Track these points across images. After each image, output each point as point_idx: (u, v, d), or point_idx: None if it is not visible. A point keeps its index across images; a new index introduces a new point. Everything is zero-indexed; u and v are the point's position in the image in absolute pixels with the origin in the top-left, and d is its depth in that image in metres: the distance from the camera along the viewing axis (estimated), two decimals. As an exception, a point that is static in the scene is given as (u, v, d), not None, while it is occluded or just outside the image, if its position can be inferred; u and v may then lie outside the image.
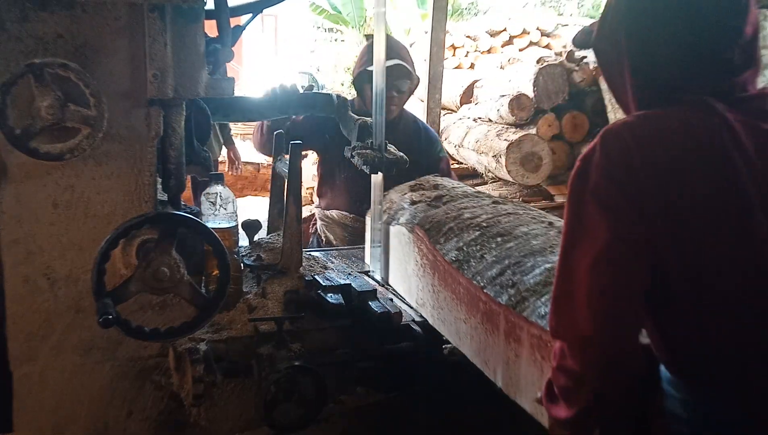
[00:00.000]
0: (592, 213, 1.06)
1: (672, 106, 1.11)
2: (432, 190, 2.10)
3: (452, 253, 1.65)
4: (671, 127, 1.08)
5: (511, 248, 1.57)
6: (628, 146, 1.07)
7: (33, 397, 1.57)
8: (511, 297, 1.40)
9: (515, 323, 1.36)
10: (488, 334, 1.47)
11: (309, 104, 2.14)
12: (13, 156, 1.43)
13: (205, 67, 1.50)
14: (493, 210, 1.82)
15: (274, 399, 1.56)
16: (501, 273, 1.49)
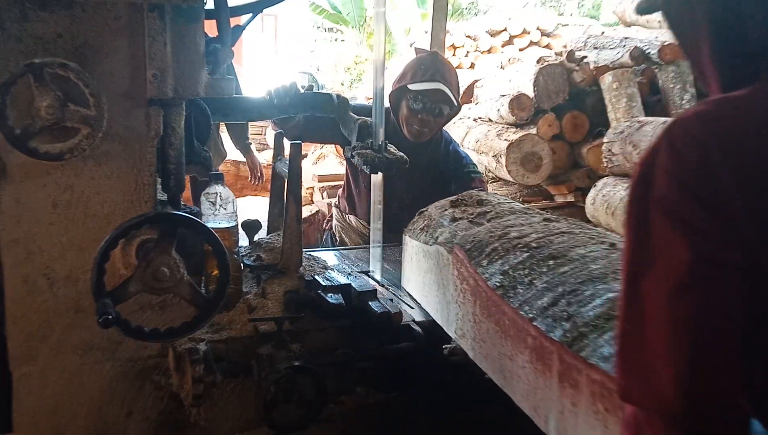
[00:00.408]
0: (662, 231, 0.82)
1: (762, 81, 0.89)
2: (475, 206, 1.90)
3: (496, 278, 1.45)
4: (761, 114, 0.85)
5: (566, 273, 1.36)
6: (703, 142, 0.83)
7: (33, 398, 1.57)
8: (566, 332, 1.18)
9: (571, 364, 1.13)
10: (539, 375, 1.24)
11: (309, 104, 2.14)
12: (13, 156, 1.42)
13: (205, 67, 1.50)
14: (544, 228, 1.61)
15: (274, 399, 1.56)
16: (554, 303, 1.28)
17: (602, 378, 1.05)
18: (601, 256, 1.40)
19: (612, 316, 1.15)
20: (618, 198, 3.17)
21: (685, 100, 4.64)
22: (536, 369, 1.26)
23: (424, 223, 1.93)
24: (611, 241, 1.49)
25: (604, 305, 1.20)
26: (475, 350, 1.53)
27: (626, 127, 3.57)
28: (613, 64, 5.09)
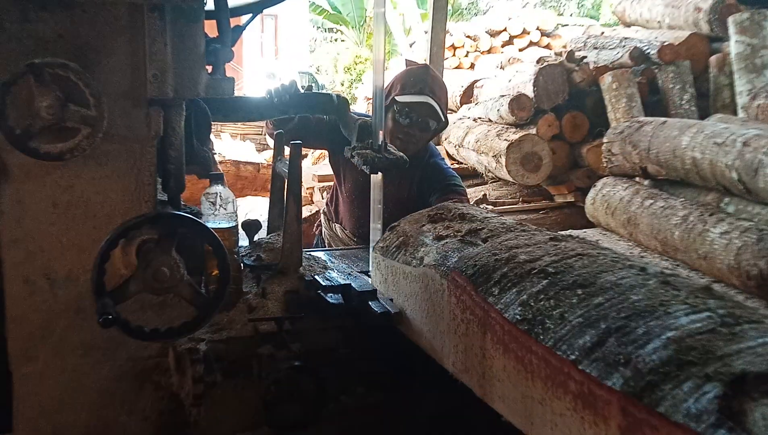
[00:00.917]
0: None
1: None
2: (458, 220, 1.72)
3: (515, 310, 1.27)
4: None
5: (603, 306, 1.18)
6: None
7: (33, 398, 1.57)
8: (628, 380, 1.01)
9: (642, 420, 0.96)
10: (588, 426, 1.07)
11: (309, 104, 2.14)
12: (13, 156, 1.42)
13: (205, 67, 1.50)
14: (556, 249, 1.43)
15: (274, 399, 1.56)
16: (600, 342, 1.10)
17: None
18: (636, 283, 1.23)
19: (684, 361, 0.99)
20: (618, 198, 3.17)
21: (684, 100, 4.64)
22: (584, 419, 1.08)
23: (399, 239, 1.74)
24: (640, 266, 1.33)
25: (668, 347, 1.02)
26: (484, 388, 1.37)
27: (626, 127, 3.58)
28: (612, 64, 5.09)
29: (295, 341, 1.64)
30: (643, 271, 1.29)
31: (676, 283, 1.21)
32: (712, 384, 0.92)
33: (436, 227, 1.69)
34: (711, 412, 0.89)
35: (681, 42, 4.73)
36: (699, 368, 0.96)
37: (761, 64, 4.19)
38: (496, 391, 1.33)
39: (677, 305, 1.13)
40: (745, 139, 2.50)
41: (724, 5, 4.52)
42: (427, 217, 1.77)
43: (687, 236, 2.54)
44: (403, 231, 1.76)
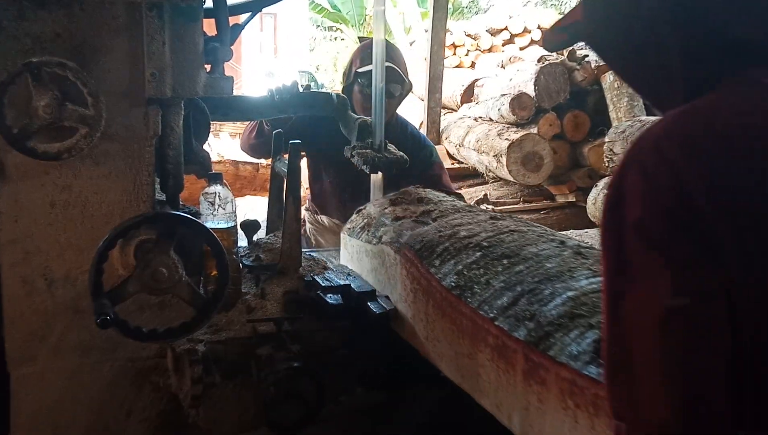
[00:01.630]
0: (640, 256, 0.79)
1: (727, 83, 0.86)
2: (416, 204, 1.91)
3: (451, 278, 1.45)
4: (725, 124, 0.81)
5: (522, 272, 1.37)
6: (675, 162, 0.79)
7: (31, 398, 1.56)
8: (530, 332, 1.19)
9: (538, 363, 1.15)
10: (501, 373, 1.26)
11: (309, 104, 2.14)
12: (11, 155, 1.42)
13: (204, 66, 1.49)
14: (493, 227, 1.62)
15: (274, 400, 1.56)
16: (513, 302, 1.29)
17: (573, 376, 1.06)
18: (553, 254, 1.42)
19: (576, 314, 1.17)
20: (619, 197, 3.17)
21: (685, 100, 4.65)
22: (498, 368, 1.27)
23: (363, 221, 1.91)
24: (560, 240, 1.52)
25: (566, 304, 1.21)
26: (428, 349, 1.53)
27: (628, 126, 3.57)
28: (613, 63, 5.08)
29: (294, 342, 1.64)
30: (562, 244, 1.48)
31: (587, 254, 1.41)
32: (593, 331, 1.10)
33: (395, 209, 1.88)
34: (587, 353, 1.06)
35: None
36: (585, 320, 1.15)
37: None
38: (436, 351, 1.50)
39: (582, 271, 1.32)
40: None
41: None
42: (389, 201, 1.97)
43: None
44: (367, 213, 1.95)
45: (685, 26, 0.88)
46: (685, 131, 0.82)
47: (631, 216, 0.81)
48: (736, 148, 0.80)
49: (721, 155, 0.79)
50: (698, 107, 0.86)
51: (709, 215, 0.77)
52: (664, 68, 0.91)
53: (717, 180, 0.78)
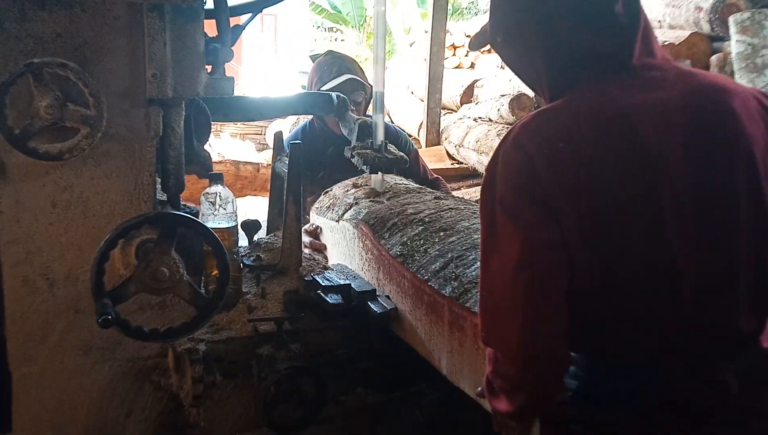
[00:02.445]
0: (502, 225, 1.07)
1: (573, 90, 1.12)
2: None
3: (396, 248, 1.70)
4: (568, 124, 1.08)
5: (454, 242, 1.63)
6: (528, 151, 1.07)
7: (32, 398, 1.56)
8: (454, 289, 1.46)
9: (459, 314, 1.41)
10: (433, 324, 1.53)
11: (309, 104, 2.14)
12: (12, 156, 1.42)
13: (205, 67, 1.50)
14: (435, 205, 1.89)
15: (274, 399, 1.56)
16: (444, 266, 1.54)
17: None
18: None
19: None
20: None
21: (685, 100, 4.65)
22: (431, 320, 1.53)
23: (329, 201, 2.18)
24: None
25: None
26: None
27: (626, 126, 3.59)
28: (613, 63, 5.09)
29: (295, 341, 1.64)
30: None
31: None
32: None
33: (356, 191, 2.12)
34: None
35: (682, 41, 4.72)
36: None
37: (762, 63, 4.18)
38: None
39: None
40: (745, 139, 2.50)
41: (724, 5, 4.51)
42: (352, 184, 2.20)
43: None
44: (333, 195, 2.19)
45: (549, 39, 1.14)
46: (537, 128, 1.10)
47: (498, 193, 1.08)
48: (573, 141, 1.06)
49: (561, 146, 1.06)
50: (549, 109, 1.13)
51: (551, 189, 1.05)
52: (537, 71, 1.18)
53: (556, 164, 1.05)
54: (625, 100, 1.08)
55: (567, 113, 1.10)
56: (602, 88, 1.10)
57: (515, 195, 1.07)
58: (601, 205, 1.05)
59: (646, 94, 1.09)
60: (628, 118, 1.06)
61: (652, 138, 1.06)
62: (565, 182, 1.05)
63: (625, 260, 1.06)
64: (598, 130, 1.06)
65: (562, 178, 1.05)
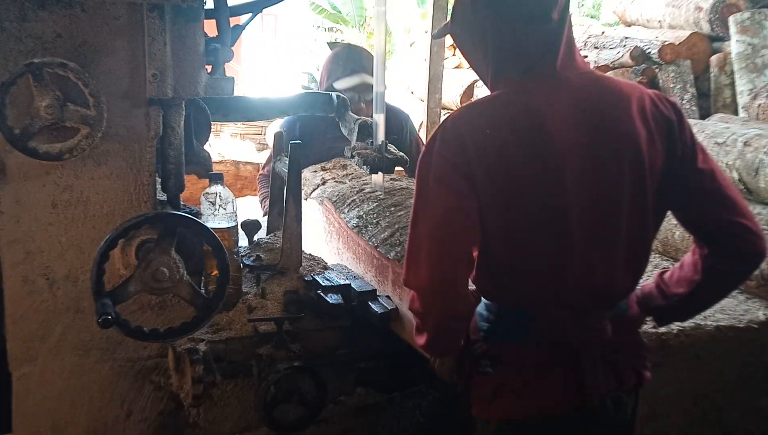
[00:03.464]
0: (433, 192, 1.31)
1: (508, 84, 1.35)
2: (340, 169, 2.48)
3: (353, 221, 2.00)
4: (493, 115, 1.32)
5: (401, 216, 1.91)
6: (461, 133, 1.30)
7: (32, 398, 1.56)
8: (397, 253, 1.73)
9: (399, 273, 1.58)
10: (380, 284, 1.80)
11: (309, 104, 2.14)
12: (12, 156, 1.42)
13: (205, 67, 1.50)
14: (390, 185, 2.18)
15: (274, 399, 1.56)
16: (391, 235, 1.83)
17: None
18: None
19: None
20: (618, 198, 3.17)
21: (685, 100, 4.64)
22: (379, 281, 1.81)
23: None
24: None
25: None
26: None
27: (626, 126, 3.58)
28: (613, 63, 5.08)
29: (295, 341, 1.64)
30: None
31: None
32: None
33: (324, 174, 2.42)
34: None
35: (682, 41, 4.72)
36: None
37: (762, 63, 4.18)
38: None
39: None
40: (746, 139, 2.50)
41: (725, 5, 4.51)
42: (321, 167, 2.50)
43: (688, 236, 2.54)
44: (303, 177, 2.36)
45: (496, 36, 1.35)
46: (470, 116, 1.35)
47: (433, 167, 1.31)
48: (495, 129, 1.30)
49: (488, 133, 1.29)
50: (481, 102, 1.39)
51: (476, 168, 1.28)
52: (485, 63, 1.38)
53: (482, 148, 1.29)
54: (541, 98, 1.30)
55: (494, 105, 1.34)
56: (527, 85, 1.32)
57: (449, 169, 1.30)
58: (512, 183, 1.29)
59: (560, 93, 1.31)
60: (541, 114, 1.29)
61: (557, 131, 1.28)
62: (487, 163, 1.28)
63: (527, 229, 1.30)
64: (515, 122, 1.30)
65: (486, 159, 1.28)
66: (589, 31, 6.57)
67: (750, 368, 2.04)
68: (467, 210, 1.30)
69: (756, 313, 2.10)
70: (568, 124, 1.29)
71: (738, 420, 2.05)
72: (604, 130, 1.30)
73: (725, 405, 2.04)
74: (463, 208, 1.30)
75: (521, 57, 1.34)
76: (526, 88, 1.33)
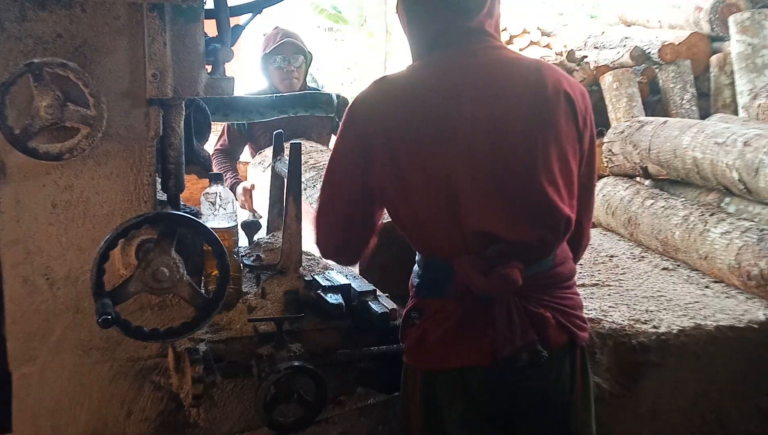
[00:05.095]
0: (338, 161, 1.48)
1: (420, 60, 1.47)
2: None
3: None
4: (394, 93, 1.45)
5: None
6: (363, 111, 1.44)
7: (32, 398, 1.56)
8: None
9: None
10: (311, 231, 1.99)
11: (309, 104, 2.14)
12: (12, 156, 1.42)
13: (205, 67, 1.50)
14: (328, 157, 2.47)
15: (274, 399, 1.56)
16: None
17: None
18: None
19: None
20: (618, 198, 3.17)
21: (685, 100, 4.64)
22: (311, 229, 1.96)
23: (260, 159, 3.12)
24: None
25: None
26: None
27: (626, 126, 3.57)
28: (613, 63, 5.08)
29: (295, 341, 1.64)
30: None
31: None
32: None
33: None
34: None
35: (682, 41, 4.72)
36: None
37: (762, 63, 4.18)
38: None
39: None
40: (745, 139, 2.50)
41: (724, 5, 4.51)
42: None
43: (687, 236, 2.54)
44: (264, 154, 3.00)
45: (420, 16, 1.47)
46: (378, 91, 1.47)
47: (339, 139, 1.48)
48: (398, 104, 1.42)
49: (386, 109, 1.43)
50: (388, 77, 1.52)
51: (377, 140, 1.41)
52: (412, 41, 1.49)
53: (381, 122, 1.42)
54: (440, 72, 1.42)
55: (394, 88, 1.46)
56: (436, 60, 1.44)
57: (351, 140, 1.44)
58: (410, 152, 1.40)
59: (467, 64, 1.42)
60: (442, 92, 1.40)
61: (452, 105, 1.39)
62: (381, 135, 1.41)
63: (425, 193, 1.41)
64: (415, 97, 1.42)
65: (381, 132, 1.41)
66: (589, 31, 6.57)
67: (750, 368, 2.05)
68: (367, 182, 1.43)
69: (756, 313, 2.11)
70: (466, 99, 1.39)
71: (738, 420, 2.05)
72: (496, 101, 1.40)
73: (725, 405, 2.04)
74: (363, 180, 1.43)
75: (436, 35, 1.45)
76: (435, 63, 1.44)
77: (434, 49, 1.46)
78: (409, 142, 1.40)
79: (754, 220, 2.47)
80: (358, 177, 1.43)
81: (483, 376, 1.42)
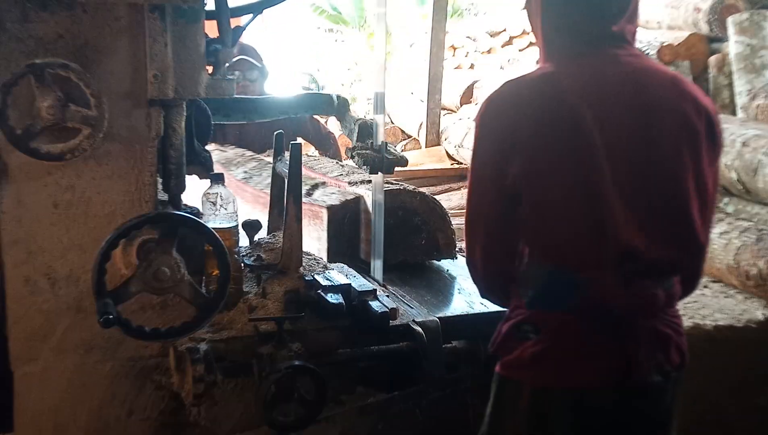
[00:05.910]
0: (481, 172, 1.41)
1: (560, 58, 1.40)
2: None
3: (241, 175, 2.79)
4: (534, 96, 1.37)
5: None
6: (499, 111, 1.38)
7: (34, 397, 1.57)
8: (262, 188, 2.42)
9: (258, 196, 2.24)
10: (261, 212, 2.29)
11: (309, 104, 2.15)
12: (14, 156, 1.43)
13: (206, 68, 1.50)
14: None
15: (275, 399, 1.56)
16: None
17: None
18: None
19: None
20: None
21: (684, 101, 4.65)
22: (260, 210, 2.35)
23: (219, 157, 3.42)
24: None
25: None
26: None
27: (626, 127, 3.58)
28: (612, 64, 5.08)
29: (295, 341, 1.64)
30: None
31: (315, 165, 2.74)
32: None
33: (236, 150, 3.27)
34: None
35: (680, 42, 4.72)
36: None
37: (761, 64, 4.18)
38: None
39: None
40: (744, 140, 2.51)
41: (723, 5, 4.51)
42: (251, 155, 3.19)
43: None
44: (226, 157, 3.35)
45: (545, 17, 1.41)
46: (516, 96, 1.39)
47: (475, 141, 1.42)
48: (542, 108, 1.34)
49: (520, 109, 1.36)
50: (525, 79, 1.42)
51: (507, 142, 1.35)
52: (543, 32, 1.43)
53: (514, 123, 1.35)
54: (584, 78, 1.35)
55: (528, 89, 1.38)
56: (578, 65, 1.37)
57: (485, 143, 1.39)
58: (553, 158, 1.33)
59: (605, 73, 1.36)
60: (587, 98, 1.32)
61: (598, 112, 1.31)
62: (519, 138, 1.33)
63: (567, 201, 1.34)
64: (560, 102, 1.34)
65: (517, 134, 1.34)
66: (589, 31, 6.51)
67: (749, 368, 2.05)
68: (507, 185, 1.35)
69: (755, 313, 2.11)
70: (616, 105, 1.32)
71: (737, 420, 2.06)
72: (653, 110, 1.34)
73: (725, 405, 2.05)
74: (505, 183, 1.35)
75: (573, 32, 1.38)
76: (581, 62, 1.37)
77: (574, 51, 1.39)
78: (553, 148, 1.33)
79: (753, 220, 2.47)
80: (499, 181, 1.36)
81: (606, 398, 1.34)
